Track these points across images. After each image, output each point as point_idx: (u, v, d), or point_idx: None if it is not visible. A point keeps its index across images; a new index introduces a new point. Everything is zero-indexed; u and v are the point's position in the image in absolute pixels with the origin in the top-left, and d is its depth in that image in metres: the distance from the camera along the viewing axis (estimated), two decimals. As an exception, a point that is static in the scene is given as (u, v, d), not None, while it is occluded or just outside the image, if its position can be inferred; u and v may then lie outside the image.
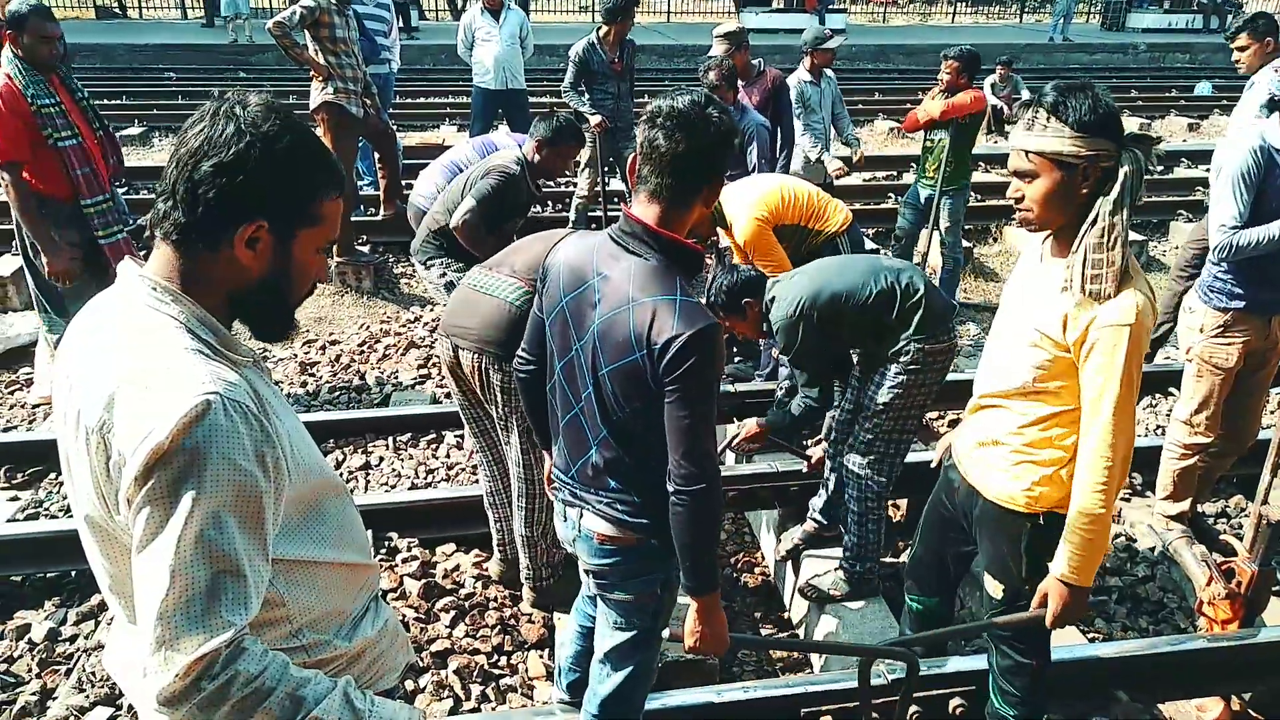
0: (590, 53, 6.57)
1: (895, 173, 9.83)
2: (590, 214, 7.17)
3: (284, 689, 1.17)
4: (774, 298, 3.15)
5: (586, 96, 6.70)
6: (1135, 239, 7.54)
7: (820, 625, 3.24)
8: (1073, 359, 2.03)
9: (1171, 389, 4.82)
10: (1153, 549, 3.74)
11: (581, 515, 2.15)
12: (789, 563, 3.57)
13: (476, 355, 2.95)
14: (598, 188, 6.97)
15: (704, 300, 3.23)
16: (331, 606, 1.39)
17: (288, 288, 1.32)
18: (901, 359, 3.03)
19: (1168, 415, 4.46)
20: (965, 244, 6.68)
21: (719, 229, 4.16)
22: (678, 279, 1.88)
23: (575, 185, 7.37)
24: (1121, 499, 4.06)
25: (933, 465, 2.69)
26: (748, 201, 3.93)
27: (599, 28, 6.64)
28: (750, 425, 3.38)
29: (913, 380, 3.03)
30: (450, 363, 3.06)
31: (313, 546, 1.35)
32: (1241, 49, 4.69)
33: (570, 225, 6.79)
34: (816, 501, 3.55)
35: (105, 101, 9.54)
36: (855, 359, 3.31)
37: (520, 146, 4.50)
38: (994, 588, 2.35)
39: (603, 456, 2.03)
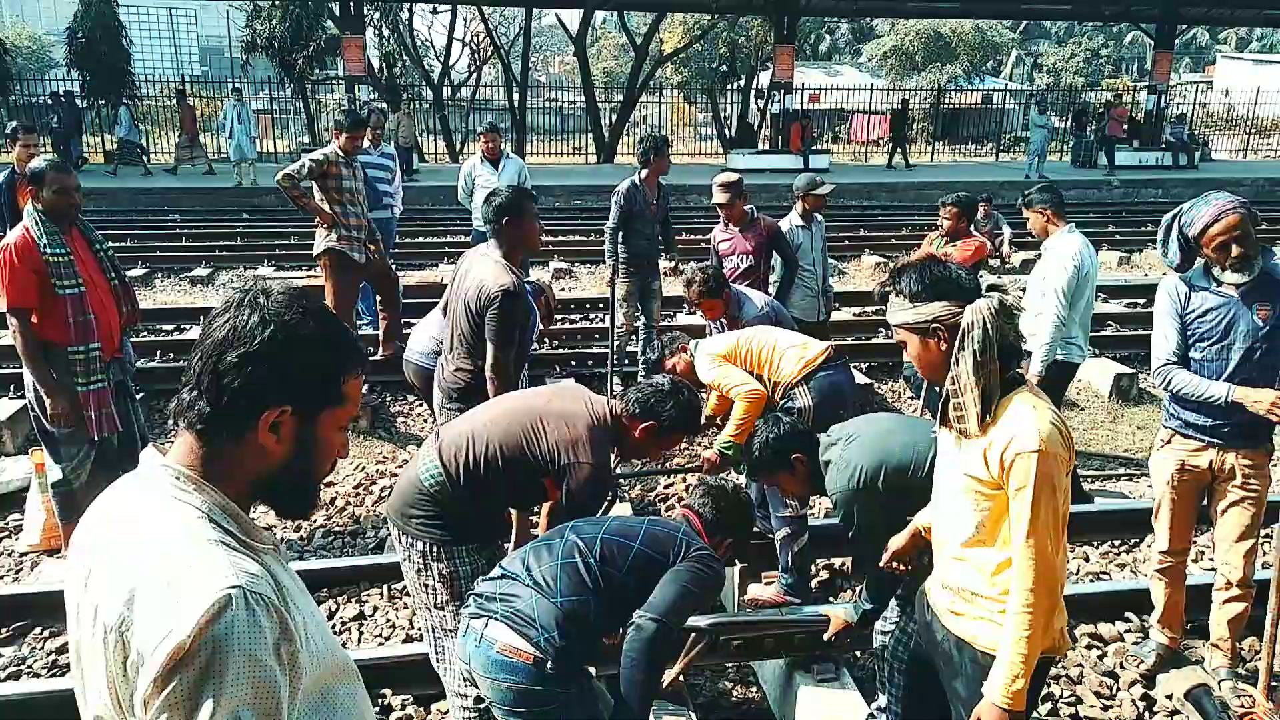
0: (634, 193, 6.79)
1: (883, 307, 10.03)
2: (628, 349, 7.24)
3: None
4: (830, 460, 2.94)
5: (624, 244, 6.86)
6: (1127, 371, 7.63)
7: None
8: (1007, 494, 2.09)
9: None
10: (1170, 696, 3.63)
11: (487, 625, 2.33)
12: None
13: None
14: (635, 323, 7.09)
15: (747, 457, 3.21)
16: None
17: (310, 468, 1.34)
18: None
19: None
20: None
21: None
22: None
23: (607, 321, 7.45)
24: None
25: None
26: (706, 351, 4.19)
27: (638, 171, 6.88)
28: (769, 593, 3.33)
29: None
30: None
31: None
32: (1026, 219, 5.20)
33: (609, 361, 6.93)
34: (880, 703, 3.12)
35: (109, 244, 9.83)
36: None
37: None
38: None
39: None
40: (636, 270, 6.93)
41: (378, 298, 7.31)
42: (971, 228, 6.07)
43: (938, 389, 2.24)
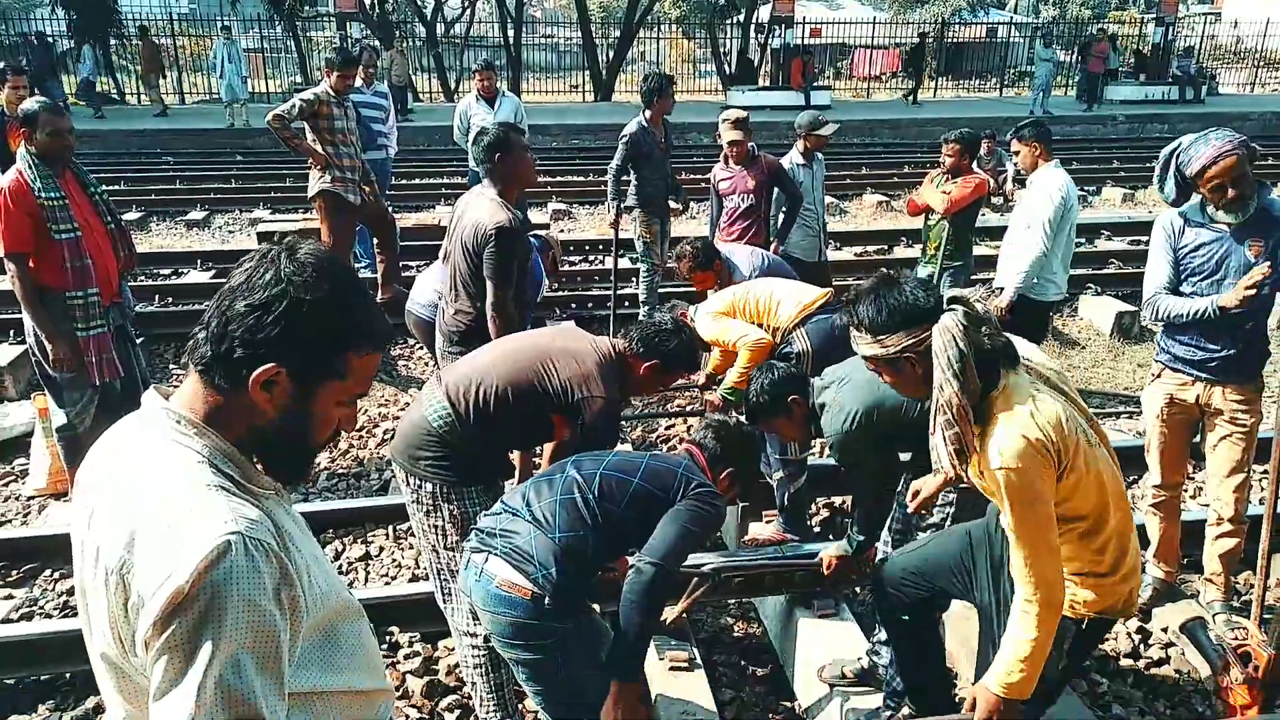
0: (642, 135, 6.65)
1: (885, 246, 9.97)
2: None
3: None
4: (824, 404, 2.97)
5: (634, 182, 6.75)
6: (1129, 309, 7.61)
7: (832, 712, 3.18)
8: None
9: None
10: (1165, 629, 3.70)
11: (487, 560, 2.36)
12: (818, 672, 3.33)
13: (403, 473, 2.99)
14: (667, 263, 6.98)
15: (746, 403, 3.23)
16: None
17: (303, 434, 1.32)
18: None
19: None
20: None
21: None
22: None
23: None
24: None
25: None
26: (706, 309, 4.21)
27: (643, 110, 6.74)
28: (770, 530, 3.36)
29: (963, 498, 2.92)
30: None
31: (326, 675, 1.33)
32: (1016, 152, 5.22)
33: (612, 303, 6.97)
34: (880, 637, 3.15)
35: (103, 187, 9.74)
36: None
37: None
38: None
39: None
40: (654, 213, 6.83)
41: (375, 240, 7.25)
42: (974, 164, 6.00)
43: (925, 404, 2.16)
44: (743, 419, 3.15)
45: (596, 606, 2.65)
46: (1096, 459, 2.13)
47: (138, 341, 4.82)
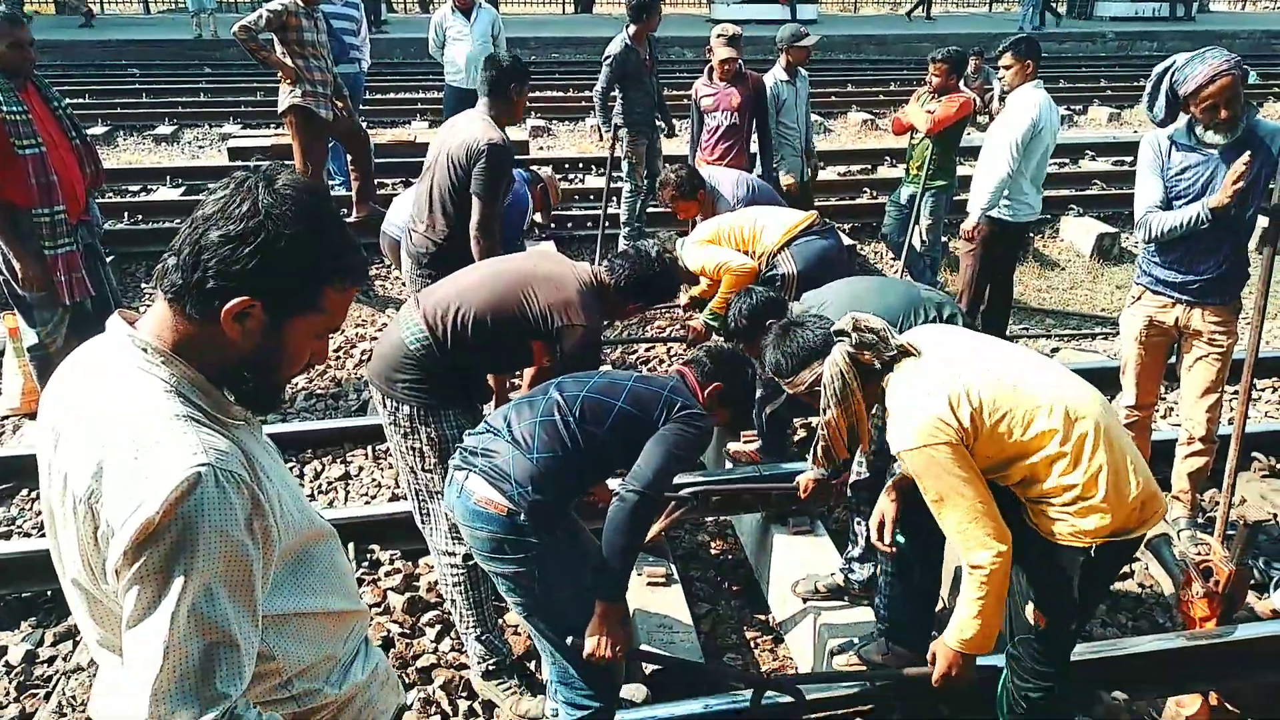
0: (627, 54, 6.42)
1: (869, 166, 9.87)
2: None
3: None
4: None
5: (620, 101, 6.57)
6: (1109, 230, 7.61)
7: (806, 626, 3.26)
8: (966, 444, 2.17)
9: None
10: (1130, 545, 3.79)
11: (467, 477, 2.38)
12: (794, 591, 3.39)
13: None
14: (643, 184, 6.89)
15: (725, 327, 3.21)
16: (321, 654, 1.37)
17: (275, 367, 1.30)
18: None
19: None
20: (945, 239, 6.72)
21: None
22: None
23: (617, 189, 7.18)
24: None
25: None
26: (692, 239, 4.16)
27: (627, 26, 6.49)
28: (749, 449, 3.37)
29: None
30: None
31: (300, 598, 1.34)
32: (1007, 67, 5.11)
33: (601, 224, 6.84)
34: (853, 554, 3.28)
35: (68, 100, 9.49)
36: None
37: None
38: (1037, 618, 2.32)
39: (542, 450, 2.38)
40: (640, 133, 6.68)
41: (348, 157, 7.09)
42: (961, 83, 5.90)
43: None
44: (725, 344, 3.14)
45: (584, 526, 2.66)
46: (1034, 399, 2.15)
47: (107, 260, 4.72)
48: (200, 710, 1.10)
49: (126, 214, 7.65)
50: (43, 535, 3.75)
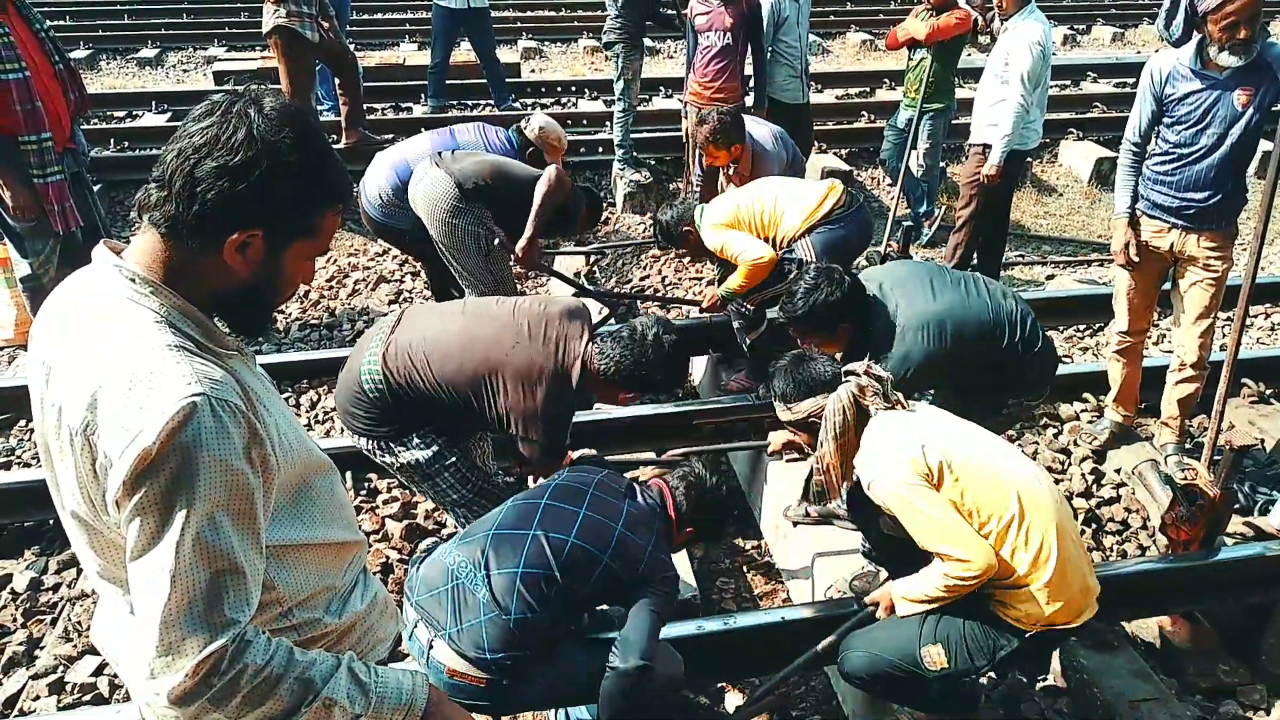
0: None
1: (868, 89, 9.69)
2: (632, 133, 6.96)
3: (292, 675, 1.19)
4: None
5: (614, 16, 6.38)
6: (1109, 155, 7.52)
7: (797, 550, 3.32)
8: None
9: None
10: (1119, 470, 3.84)
11: (432, 644, 2.17)
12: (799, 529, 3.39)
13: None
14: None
15: (784, 309, 2.99)
16: (321, 584, 1.40)
17: (271, 292, 1.30)
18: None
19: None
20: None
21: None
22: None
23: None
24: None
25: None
26: (709, 218, 3.98)
27: None
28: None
29: None
30: None
31: (300, 529, 1.35)
32: None
33: (618, 146, 6.74)
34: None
35: (48, 22, 9.33)
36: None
37: (487, 137, 4.34)
38: (938, 660, 2.31)
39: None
40: (635, 49, 6.52)
41: (336, 81, 6.94)
42: (962, 0, 5.76)
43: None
44: (717, 469, 2.73)
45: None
46: (999, 483, 2.21)
47: (95, 189, 4.66)
48: (211, 636, 1.12)
49: (112, 141, 7.51)
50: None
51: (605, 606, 2.54)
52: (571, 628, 2.35)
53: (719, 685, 2.91)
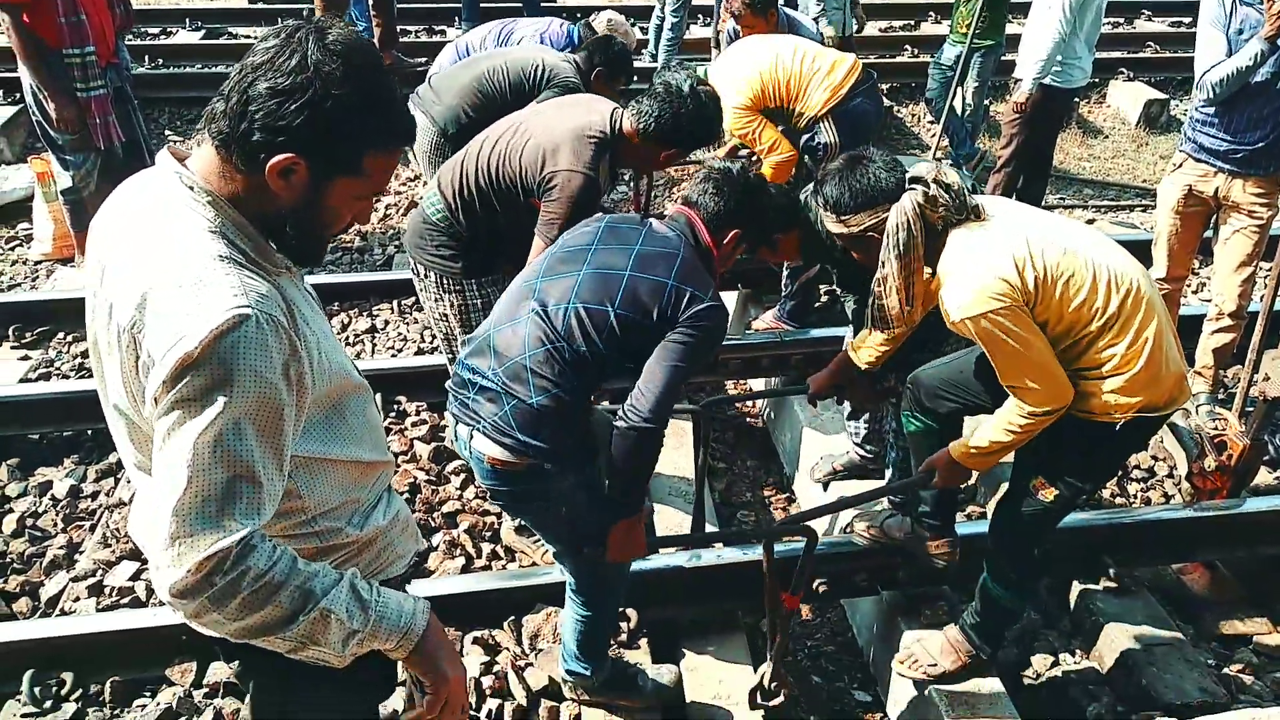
0: None
1: (913, 21, 9.41)
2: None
3: (293, 583, 1.22)
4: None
5: None
6: (1159, 97, 7.29)
7: (819, 487, 3.34)
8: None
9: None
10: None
11: (472, 436, 2.11)
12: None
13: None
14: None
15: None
16: (346, 497, 1.43)
17: (316, 224, 1.31)
18: None
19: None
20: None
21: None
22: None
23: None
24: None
25: None
26: (730, 88, 3.67)
27: None
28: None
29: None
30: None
31: (331, 444, 1.38)
32: None
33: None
34: (856, 427, 3.31)
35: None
36: None
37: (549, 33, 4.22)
38: (1044, 491, 2.29)
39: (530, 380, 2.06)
40: None
41: (370, 1, 6.84)
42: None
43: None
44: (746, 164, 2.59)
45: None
46: (1089, 268, 2.09)
47: (135, 104, 4.67)
48: (219, 536, 1.15)
49: (146, 57, 7.48)
50: (80, 377, 3.86)
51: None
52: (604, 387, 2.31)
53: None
